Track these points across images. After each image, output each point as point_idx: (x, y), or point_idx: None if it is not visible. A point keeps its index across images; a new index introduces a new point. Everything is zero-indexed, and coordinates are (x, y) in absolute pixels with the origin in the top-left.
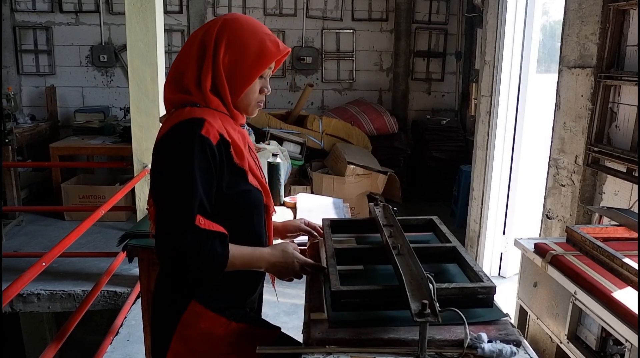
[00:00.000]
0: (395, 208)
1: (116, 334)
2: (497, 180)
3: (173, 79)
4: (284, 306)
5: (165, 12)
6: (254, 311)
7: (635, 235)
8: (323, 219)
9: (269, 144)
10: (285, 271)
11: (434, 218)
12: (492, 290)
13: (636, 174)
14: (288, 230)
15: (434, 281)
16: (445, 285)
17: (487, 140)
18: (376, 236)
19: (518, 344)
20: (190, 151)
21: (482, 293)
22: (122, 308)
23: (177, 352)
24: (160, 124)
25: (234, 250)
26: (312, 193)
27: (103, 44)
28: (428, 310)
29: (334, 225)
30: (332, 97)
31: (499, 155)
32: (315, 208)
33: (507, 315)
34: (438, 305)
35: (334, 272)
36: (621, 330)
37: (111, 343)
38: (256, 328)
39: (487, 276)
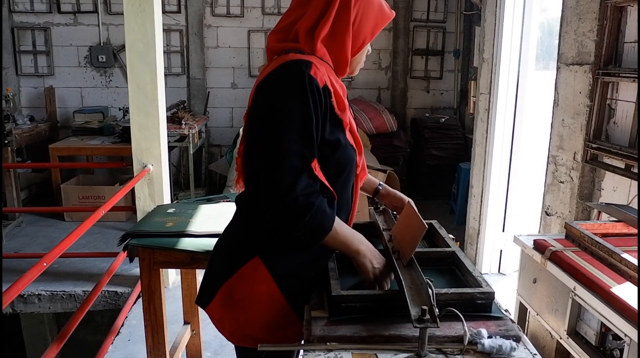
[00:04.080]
0: (394, 212)
1: (117, 334)
2: (497, 177)
3: (281, 29)
4: None
5: (164, 12)
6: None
7: (633, 230)
8: None
9: None
10: (376, 267)
11: (434, 222)
12: (491, 295)
13: (634, 170)
14: (391, 201)
15: (433, 287)
16: (444, 290)
17: (486, 138)
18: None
19: (518, 340)
20: (303, 89)
21: (481, 299)
22: (123, 308)
23: (222, 300)
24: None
25: (337, 220)
26: None
27: (101, 44)
28: (427, 316)
29: (341, 259)
30: None
31: (498, 152)
32: None
33: (506, 311)
34: (437, 310)
35: (334, 276)
36: (620, 325)
37: (112, 343)
38: (297, 318)
39: (486, 281)
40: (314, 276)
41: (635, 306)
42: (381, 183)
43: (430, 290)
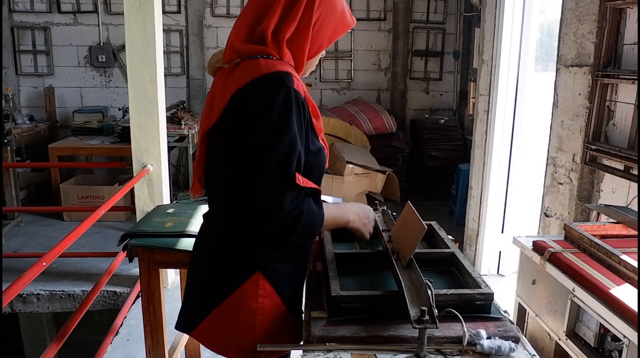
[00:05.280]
0: (394, 213)
1: (116, 334)
2: (496, 179)
3: (244, 26)
4: None
5: (164, 12)
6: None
7: (632, 232)
8: None
9: None
10: (368, 224)
11: (433, 223)
12: (490, 296)
13: (633, 172)
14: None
15: (432, 288)
16: (443, 291)
17: (486, 139)
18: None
19: (517, 340)
20: (288, 105)
21: (480, 300)
22: (122, 308)
23: (216, 322)
24: (214, 70)
25: (324, 207)
26: None
27: (101, 44)
28: (427, 317)
29: (334, 230)
30: (331, 96)
31: (497, 154)
32: None
33: (505, 312)
34: (436, 311)
35: (334, 277)
36: (619, 327)
37: (111, 343)
38: (298, 323)
39: (485, 282)
40: (301, 279)
41: (634, 307)
42: None
43: (429, 291)
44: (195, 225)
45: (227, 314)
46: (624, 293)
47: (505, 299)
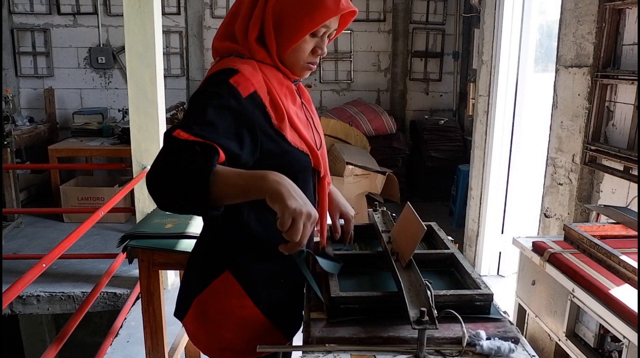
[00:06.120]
0: (394, 214)
1: (116, 335)
2: (496, 179)
3: (223, 25)
4: None
5: (163, 13)
6: (293, 294)
7: (632, 232)
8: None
9: None
10: (297, 198)
11: (433, 224)
12: (489, 297)
13: (633, 172)
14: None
15: (432, 288)
16: (443, 292)
17: (485, 140)
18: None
19: (516, 341)
20: (211, 93)
21: (480, 300)
22: (121, 309)
23: (195, 315)
24: None
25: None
26: None
27: (101, 45)
28: (426, 317)
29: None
30: (330, 97)
31: (497, 154)
32: None
33: (505, 313)
34: (436, 312)
35: (333, 278)
36: (619, 327)
37: (111, 344)
38: (274, 327)
39: (484, 283)
40: (284, 283)
41: (634, 308)
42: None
43: (429, 292)
44: (195, 226)
45: (200, 310)
46: (624, 293)
47: (505, 300)
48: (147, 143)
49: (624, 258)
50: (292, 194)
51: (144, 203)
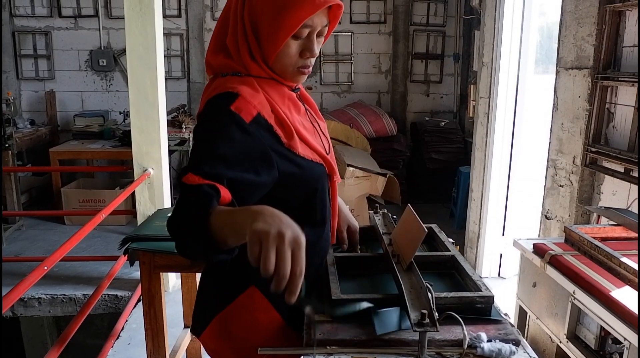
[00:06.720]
0: (394, 216)
1: (117, 338)
2: (496, 181)
3: (214, 37)
4: None
5: (164, 16)
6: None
7: (633, 234)
8: None
9: None
10: (266, 220)
11: (433, 226)
12: (490, 299)
13: (633, 174)
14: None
15: (432, 291)
16: (444, 294)
17: (486, 141)
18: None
19: (517, 343)
20: (215, 124)
21: (481, 302)
22: (123, 311)
23: (216, 331)
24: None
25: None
26: None
27: (102, 48)
28: (427, 320)
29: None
30: (331, 99)
31: (498, 156)
32: None
33: (506, 315)
34: (437, 314)
35: (334, 280)
36: (620, 329)
37: (112, 347)
38: (298, 334)
39: (485, 285)
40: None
41: (635, 310)
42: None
43: (429, 294)
44: None
45: (224, 325)
46: (625, 295)
47: (506, 302)
48: (148, 145)
49: (624, 260)
50: (263, 218)
51: (145, 206)
